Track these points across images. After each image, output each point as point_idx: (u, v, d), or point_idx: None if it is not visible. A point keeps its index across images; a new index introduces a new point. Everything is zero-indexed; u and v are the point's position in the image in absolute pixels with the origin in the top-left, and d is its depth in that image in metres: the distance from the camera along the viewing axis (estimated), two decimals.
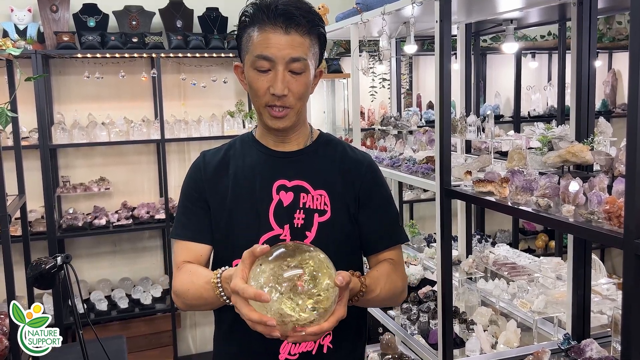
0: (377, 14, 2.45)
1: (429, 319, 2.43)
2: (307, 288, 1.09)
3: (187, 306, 1.38)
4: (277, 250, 1.15)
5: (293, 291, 1.09)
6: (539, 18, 2.65)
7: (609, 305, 2.32)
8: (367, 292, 1.30)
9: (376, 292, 1.34)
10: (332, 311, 1.14)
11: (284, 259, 1.13)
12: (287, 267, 1.12)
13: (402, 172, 2.56)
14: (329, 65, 4.13)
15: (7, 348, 2.26)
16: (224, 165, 1.46)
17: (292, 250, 1.15)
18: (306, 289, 1.09)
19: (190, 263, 1.40)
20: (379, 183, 1.49)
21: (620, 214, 1.34)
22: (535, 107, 4.89)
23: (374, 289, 1.34)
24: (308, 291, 1.09)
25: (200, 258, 1.42)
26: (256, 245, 1.14)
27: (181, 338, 4.41)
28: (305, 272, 1.11)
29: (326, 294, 1.11)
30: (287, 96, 1.32)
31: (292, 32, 1.30)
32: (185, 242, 1.43)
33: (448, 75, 1.95)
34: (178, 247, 1.44)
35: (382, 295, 1.37)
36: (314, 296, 1.10)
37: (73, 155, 4.13)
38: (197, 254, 1.42)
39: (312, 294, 1.09)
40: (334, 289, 1.12)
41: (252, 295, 1.08)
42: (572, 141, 1.92)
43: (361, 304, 1.33)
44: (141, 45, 3.84)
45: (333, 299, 1.12)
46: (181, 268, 1.39)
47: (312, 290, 1.10)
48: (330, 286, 1.12)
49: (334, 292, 1.12)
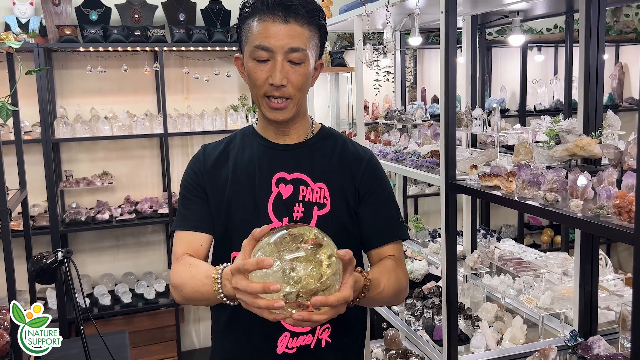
0: (381, 5, 2.41)
1: (433, 315, 2.40)
2: (310, 253, 1.06)
3: (184, 299, 1.34)
4: (279, 232, 1.12)
5: (296, 259, 1.06)
6: (545, 10, 2.62)
7: (616, 302, 2.29)
8: (371, 287, 1.27)
9: (380, 288, 1.32)
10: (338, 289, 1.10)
11: (285, 234, 1.10)
12: (289, 238, 1.09)
13: (406, 166, 2.53)
14: (332, 58, 4.09)
15: (8, 343, 2.25)
16: (224, 158, 1.45)
17: (293, 227, 1.12)
18: (309, 253, 1.06)
19: (190, 256, 1.37)
20: (380, 178, 1.47)
21: (630, 209, 1.31)
22: (541, 101, 4.84)
23: (378, 285, 1.31)
24: (311, 256, 1.06)
25: (201, 248, 1.40)
26: (255, 229, 1.11)
27: (184, 332, 4.40)
28: (307, 239, 1.08)
29: (329, 262, 1.07)
30: (286, 86, 1.30)
31: (291, 22, 1.29)
32: (185, 233, 1.41)
33: (453, 68, 1.91)
34: (178, 238, 1.42)
35: (386, 292, 1.34)
36: (317, 264, 1.06)
37: (76, 149, 4.12)
38: (197, 245, 1.39)
39: (315, 260, 1.06)
40: (337, 261, 1.09)
41: (255, 263, 1.05)
42: (579, 134, 1.88)
43: (366, 302, 1.30)
44: (144, 38, 3.82)
45: (336, 270, 1.09)
46: (180, 260, 1.36)
47: (316, 256, 1.06)
48: (333, 256, 1.09)
49: (337, 263, 1.09)
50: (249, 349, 1.42)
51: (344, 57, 4.22)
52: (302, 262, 1.06)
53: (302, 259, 1.06)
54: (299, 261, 1.06)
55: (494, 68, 4.86)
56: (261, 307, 1.06)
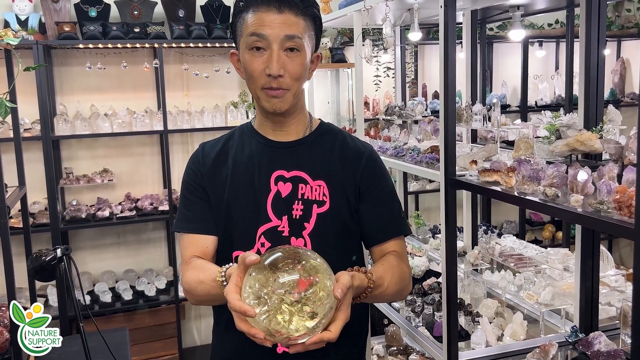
0: (380, 0, 2.40)
1: (433, 311, 2.40)
2: (297, 301, 1.03)
3: (198, 302, 1.36)
4: (272, 256, 1.07)
5: (283, 304, 1.03)
6: (546, 4, 2.60)
7: (617, 297, 2.28)
8: (374, 287, 1.25)
9: (384, 286, 1.30)
10: (333, 318, 1.07)
11: (276, 267, 1.06)
12: (278, 278, 1.04)
13: (406, 162, 2.52)
14: (333, 54, 4.07)
15: (8, 341, 2.25)
16: (223, 156, 1.44)
17: (287, 257, 1.07)
18: (296, 302, 1.03)
19: (198, 258, 1.38)
20: (380, 174, 1.46)
21: (630, 204, 1.30)
22: (543, 97, 4.83)
23: (382, 284, 1.30)
24: (299, 303, 1.03)
25: (207, 250, 1.40)
26: (248, 253, 1.08)
27: (185, 329, 4.40)
28: (296, 285, 1.04)
29: (320, 305, 1.03)
30: (283, 77, 1.29)
31: (285, 12, 1.28)
32: (191, 235, 1.41)
33: (453, 63, 1.90)
34: (184, 240, 1.42)
35: (390, 289, 1.33)
36: (305, 310, 1.03)
37: (76, 146, 4.12)
38: (203, 247, 1.40)
39: (303, 308, 1.03)
40: (329, 299, 1.05)
41: (239, 310, 1.04)
42: (580, 129, 1.87)
43: (369, 300, 1.29)
44: (143, 35, 3.81)
45: (324, 314, 1.04)
46: (189, 263, 1.37)
47: (304, 304, 1.03)
48: (324, 297, 1.04)
49: (329, 302, 1.05)
50: (249, 348, 1.41)
51: (345, 53, 4.20)
52: (288, 314, 1.03)
53: (289, 311, 1.03)
54: (286, 314, 1.03)
55: (495, 63, 4.84)
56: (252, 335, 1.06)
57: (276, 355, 1.39)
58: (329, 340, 1.06)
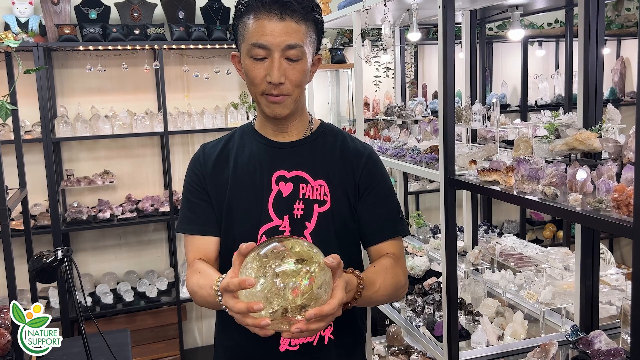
0: (379, 0, 2.40)
1: (434, 311, 2.40)
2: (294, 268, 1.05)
3: (201, 305, 1.38)
4: (267, 246, 1.11)
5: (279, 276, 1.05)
6: (545, 4, 2.60)
7: (617, 296, 2.28)
8: (366, 285, 1.25)
9: (376, 286, 1.30)
10: (330, 295, 1.09)
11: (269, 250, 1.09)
12: (273, 253, 1.08)
13: (405, 162, 2.52)
14: (332, 55, 4.08)
15: (10, 342, 2.25)
16: (224, 157, 1.45)
17: (279, 240, 1.12)
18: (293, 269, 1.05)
19: (201, 261, 1.39)
20: (380, 174, 1.47)
21: (629, 202, 1.30)
22: (543, 96, 4.83)
23: (374, 283, 1.30)
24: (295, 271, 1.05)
25: (210, 252, 1.41)
26: (242, 244, 1.11)
27: (187, 330, 4.41)
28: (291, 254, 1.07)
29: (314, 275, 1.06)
30: (284, 84, 1.30)
31: (287, 19, 1.28)
32: (194, 237, 1.42)
33: (451, 62, 1.91)
34: (187, 242, 1.43)
35: (383, 290, 1.33)
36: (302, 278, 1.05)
37: (77, 148, 4.12)
38: (206, 248, 1.41)
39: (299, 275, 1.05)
40: (324, 271, 1.08)
41: (237, 283, 1.06)
42: (579, 128, 1.87)
43: (363, 302, 1.28)
44: (143, 37, 3.81)
45: (322, 282, 1.07)
46: (192, 266, 1.38)
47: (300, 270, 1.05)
48: (318, 267, 1.07)
49: (323, 274, 1.08)
50: (252, 347, 1.42)
51: (344, 54, 4.20)
52: (285, 278, 1.05)
53: (286, 274, 1.05)
54: (283, 278, 1.05)
55: (495, 63, 4.84)
56: (249, 325, 1.07)
57: (279, 353, 1.39)
58: (328, 312, 1.06)
